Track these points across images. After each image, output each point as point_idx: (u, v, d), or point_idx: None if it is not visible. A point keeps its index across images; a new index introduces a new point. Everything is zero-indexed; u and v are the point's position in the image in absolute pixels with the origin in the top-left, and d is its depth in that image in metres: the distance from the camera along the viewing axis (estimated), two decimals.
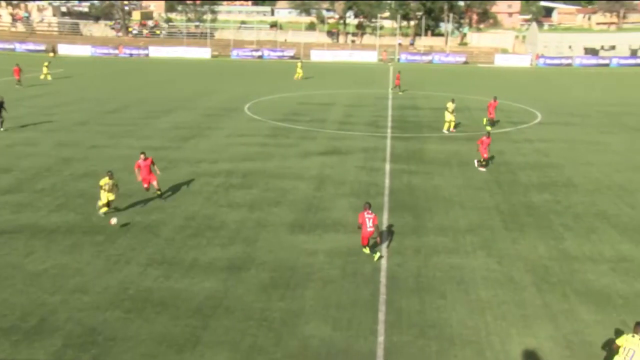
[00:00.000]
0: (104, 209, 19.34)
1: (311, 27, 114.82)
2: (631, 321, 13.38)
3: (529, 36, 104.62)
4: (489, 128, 27.27)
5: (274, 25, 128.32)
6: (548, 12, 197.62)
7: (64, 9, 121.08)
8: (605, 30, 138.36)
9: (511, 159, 28.31)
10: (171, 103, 44.56)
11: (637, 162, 28.17)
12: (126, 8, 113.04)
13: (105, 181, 19.15)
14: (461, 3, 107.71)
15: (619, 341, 10.80)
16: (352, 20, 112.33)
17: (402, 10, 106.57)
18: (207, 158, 27.89)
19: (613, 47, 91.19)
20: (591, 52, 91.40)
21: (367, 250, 16.64)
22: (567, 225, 19.55)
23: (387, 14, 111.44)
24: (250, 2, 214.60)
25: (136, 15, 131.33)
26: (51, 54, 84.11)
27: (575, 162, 27.97)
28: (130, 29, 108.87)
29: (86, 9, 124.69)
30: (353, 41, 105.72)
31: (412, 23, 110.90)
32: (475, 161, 26.86)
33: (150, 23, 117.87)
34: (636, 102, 48.68)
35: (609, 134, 35.20)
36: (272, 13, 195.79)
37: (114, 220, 18.37)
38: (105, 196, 19.20)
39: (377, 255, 16.50)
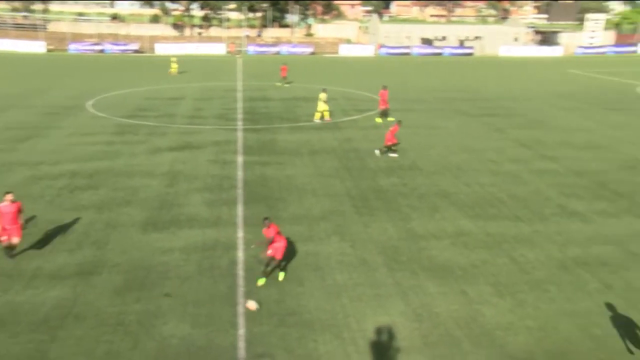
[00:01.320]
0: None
1: (155, 19, 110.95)
2: (470, 290, 14.65)
3: (370, 27, 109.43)
4: (391, 119, 28.09)
5: (115, 17, 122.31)
6: (387, 3, 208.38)
7: None
8: (437, 22, 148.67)
9: (359, 146, 29.50)
10: (0, 101, 40.89)
11: (469, 144, 30.65)
12: None
13: None
14: None
15: None
16: (198, 12, 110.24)
17: (248, 2, 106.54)
18: (48, 160, 26.01)
19: (444, 38, 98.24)
20: (426, 42, 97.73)
21: (281, 275, 15.17)
22: (413, 206, 20.81)
23: (233, 5, 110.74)
24: None
25: None
26: None
27: (418, 146, 29.79)
28: None
29: None
30: (200, 33, 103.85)
31: (258, 14, 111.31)
32: (377, 150, 27.71)
33: None
34: (465, 89, 52.88)
35: (445, 118, 37.91)
36: (112, 5, 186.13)
37: (252, 305, 13.57)
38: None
39: (284, 274, 15.35)
